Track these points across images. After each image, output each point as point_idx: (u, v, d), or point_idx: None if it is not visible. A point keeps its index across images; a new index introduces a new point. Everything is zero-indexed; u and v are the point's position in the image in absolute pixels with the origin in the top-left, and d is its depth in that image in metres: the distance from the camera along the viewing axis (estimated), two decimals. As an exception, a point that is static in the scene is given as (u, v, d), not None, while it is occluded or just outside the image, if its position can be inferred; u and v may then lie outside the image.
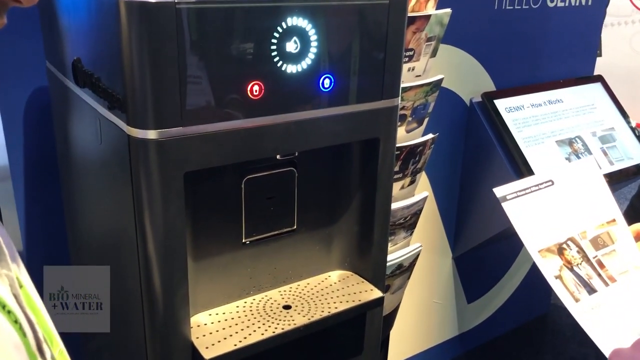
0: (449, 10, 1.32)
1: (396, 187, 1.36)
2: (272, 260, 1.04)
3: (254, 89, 0.82)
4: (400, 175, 1.36)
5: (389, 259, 1.30)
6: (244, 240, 0.98)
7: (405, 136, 1.36)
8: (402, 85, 1.04)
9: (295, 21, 0.83)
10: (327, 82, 0.88)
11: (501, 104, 1.81)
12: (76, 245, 1.22)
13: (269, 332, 0.93)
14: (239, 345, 0.90)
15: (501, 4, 1.77)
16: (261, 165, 0.95)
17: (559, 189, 0.99)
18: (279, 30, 0.82)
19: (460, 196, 1.94)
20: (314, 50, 0.86)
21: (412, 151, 1.35)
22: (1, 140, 1.21)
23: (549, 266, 0.91)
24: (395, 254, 1.39)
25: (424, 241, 1.55)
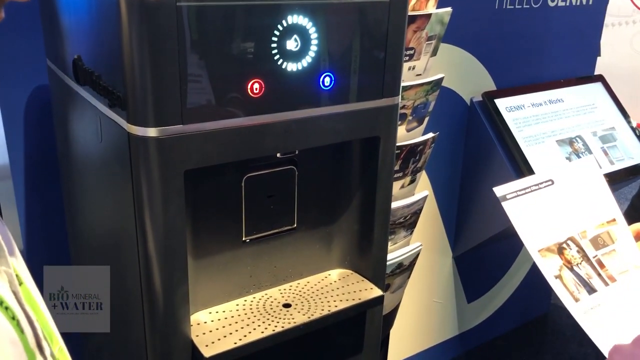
0: (449, 9, 1.32)
1: (396, 186, 1.36)
2: (272, 258, 1.04)
3: (255, 87, 0.82)
4: (400, 174, 1.36)
5: (389, 258, 1.30)
6: (244, 238, 0.98)
7: (405, 135, 1.36)
8: (402, 84, 1.04)
9: (295, 19, 0.83)
10: (327, 80, 0.88)
11: (502, 103, 1.81)
12: (76, 243, 1.22)
13: (269, 331, 0.94)
14: (238, 343, 0.90)
15: (502, 3, 1.77)
16: (261, 163, 0.95)
17: (559, 188, 0.99)
18: (280, 28, 0.82)
19: (460, 195, 1.94)
20: (315, 48, 0.86)
21: (413, 150, 1.35)
22: (1, 138, 1.21)
23: (549, 266, 0.90)
24: (395, 253, 1.39)
25: (424, 240, 1.55)
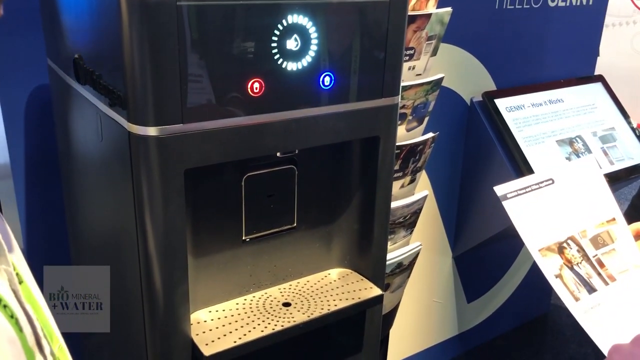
0: (449, 9, 1.32)
1: (396, 185, 1.36)
2: (272, 257, 1.04)
3: (255, 86, 0.82)
4: (400, 174, 1.36)
5: (388, 257, 1.30)
6: (244, 237, 0.99)
7: (405, 135, 1.36)
8: (402, 83, 1.04)
9: (295, 19, 0.83)
10: (327, 80, 0.89)
11: (502, 103, 1.82)
12: (76, 242, 1.23)
13: (269, 330, 0.94)
14: (238, 342, 0.90)
15: (502, 3, 1.77)
16: (261, 162, 0.95)
17: (559, 187, 0.99)
18: (280, 28, 0.82)
19: (460, 195, 1.94)
20: (315, 48, 0.86)
21: (413, 150, 1.35)
22: (2, 137, 1.21)
23: (549, 265, 0.91)
24: (395, 252, 1.39)
25: (424, 240, 1.55)
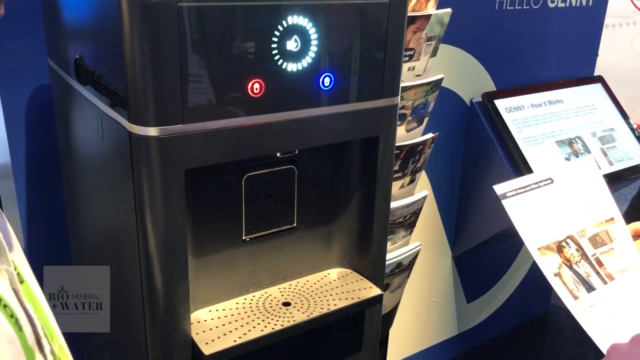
0: (449, 10, 1.33)
1: (396, 186, 1.37)
2: (272, 257, 1.04)
3: (255, 87, 0.82)
4: (400, 174, 1.37)
5: (388, 257, 1.30)
6: (244, 237, 0.99)
7: (405, 135, 1.36)
8: (402, 84, 1.04)
9: (295, 20, 0.83)
10: (327, 80, 0.89)
11: (501, 104, 1.82)
12: (77, 241, 1.23)
13: (269, 329, 0.94)
14: (238, 341, 0.91)
15: (502, 4, 1.78)
16: (261, 163, 0.96)
17: (558, 187, 0.99)
18: (280, 28, 0.82)
19: (460, 196, 1.95)
20: (314, 49, 0.86)
21: (412, 150, 1.36)
22: (3, 137, 1.21)
23: (549, 264, 0.91)
24: (394, 252, 1.40)
25: (423, 240, 1.55)
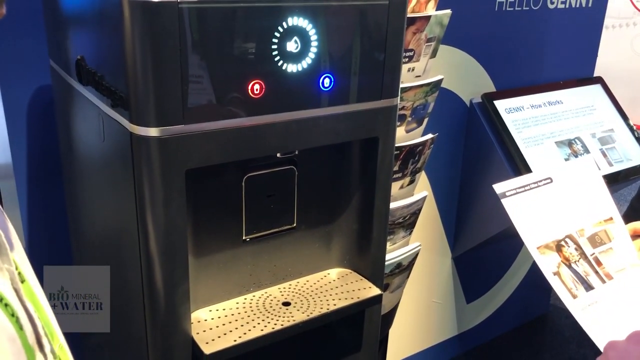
0: (448, 11, 1.33)
1: (395, 186, 1.37)
2: (272, 257, 1.05)
3: (255, 87, 0.83)
4: (399, 174, 1.37)
5: (388, 257, 1.31)
6: (245, 237, 0.99)
7: (404, 136, 1.37)
8: (401, 85, 1.05)
9: (295, 21, 0.84)
10: (327, 81, 0.89)
11: (501, 104, 1.82)
12: (78, 241, 1.23)
13: (269, 328, 0.94)
14: (238, 340, 0.91)
15: (501, 5, 1.78)
16: (262, 163, 0.96)
17: (557, 186, 1.00)
18: (280, 30, 0.83)
19: (460, 196, 1.95)
20: (314, 50, 0.87)
21: (412, 151, 1.36)
22: (4, 138, 1.22)
23: (548, 263, 0.91)
24: (394, 253, 1.40)
25: (423, 241, 1.56)
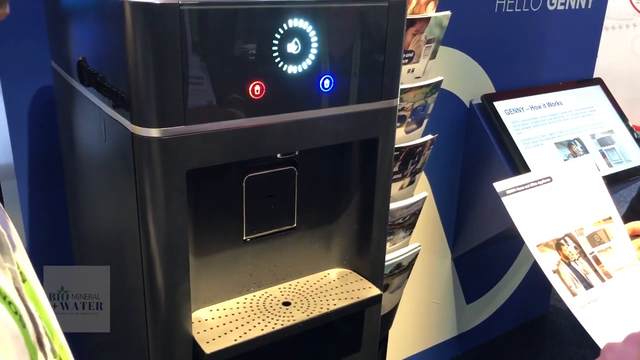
0: (448, 12, 1.34)
1: (395, 187, 1.37)
2: (272, 257, 1.05)
3: (255, 88, 0.83)
4: (399, 175, 1.37)
5: (388, 258, 1.31)
6: (245, 237, 1.00)
7: (404, 137, 1.37)
8: (401, 86, 1.05)
9: (296, 23, 0.84)
10: (327, 82, 0.90)
11: (501, 105, 1.83)
12: (80, 241, 1.24)
13: (269, 328, 0.95)
14: (239, 340, 0.92)
15: (501, 6, 1.79)
16: (262, 163, 0.97)
17: (557, 185, 1.00)
18: (280, 31, 0.83)
19: (459, 197, 1.96)
20: (315, 51, 0.87)
21: (412, 152, 1.36)
22: (6, 138, 1.22)
23: (547, 261, 0.92)
24: (394, 253, 1.40)
25: (423, 241, 1.56)
